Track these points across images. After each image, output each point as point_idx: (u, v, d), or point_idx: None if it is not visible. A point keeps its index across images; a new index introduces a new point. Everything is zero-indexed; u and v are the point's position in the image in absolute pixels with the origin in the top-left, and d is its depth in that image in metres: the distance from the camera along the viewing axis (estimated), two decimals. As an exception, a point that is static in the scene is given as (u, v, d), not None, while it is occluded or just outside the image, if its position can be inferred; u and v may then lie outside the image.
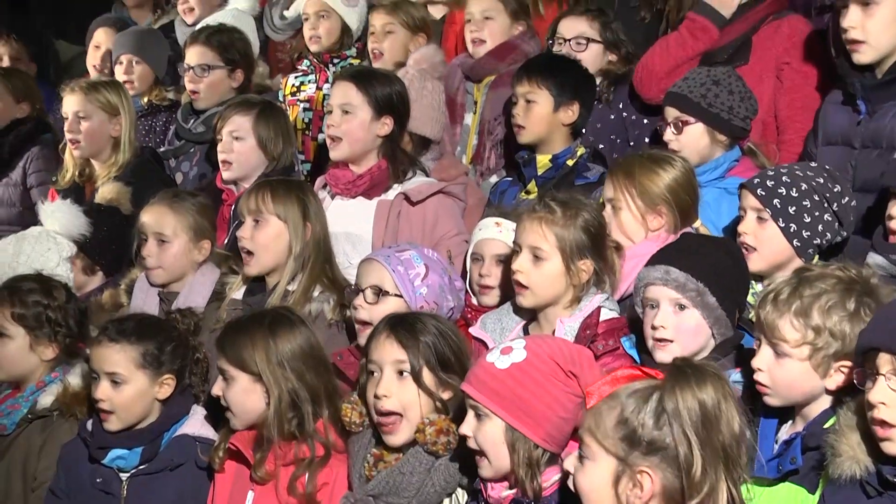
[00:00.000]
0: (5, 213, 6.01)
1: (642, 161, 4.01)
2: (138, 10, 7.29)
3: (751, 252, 3.73)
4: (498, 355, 3.03)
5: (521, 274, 3.67)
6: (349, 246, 4.53)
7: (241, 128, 4.89)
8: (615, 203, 3.94)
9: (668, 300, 3.41)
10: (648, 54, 4.87)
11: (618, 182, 3.95)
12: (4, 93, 6.09)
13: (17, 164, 6.02)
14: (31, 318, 4.07)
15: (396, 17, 5.59)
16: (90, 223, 4.74)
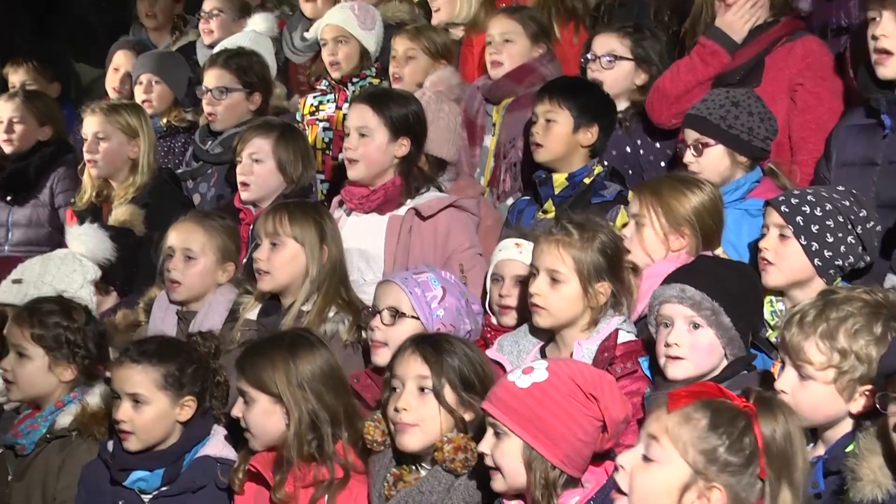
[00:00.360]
0: (34, 234, 6.06)
1: (671, 181, 4.04)
2: (157, 32, 7.36)
3: (770, 266, 3.73)
4: (519, 375, 3.03)
5: (539, 297, 3.67)
6: (363, 263, 4.56)
7: (261, 150, 4.91)
8: (639, 220, 3.96)
9: (683, 318, 3.42)
10: (660, 78, 4.88)
11: (644, 199, 3.97)
12: (28, 115, 6.12)
13: (45, 186, 6.08)
14: (50, 339, 4.09)
15: (418, 43, 5.61)
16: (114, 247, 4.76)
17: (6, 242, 6.07)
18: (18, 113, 6.08)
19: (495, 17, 5.52)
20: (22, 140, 6.08)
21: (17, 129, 6.06)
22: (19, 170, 6.06)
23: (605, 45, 5.00)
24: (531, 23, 5.41)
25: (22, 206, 6.08)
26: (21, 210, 6.08)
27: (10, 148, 6.07)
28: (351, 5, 6.04)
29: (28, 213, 6.08)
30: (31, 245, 5.95)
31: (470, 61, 5.98)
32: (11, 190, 6.07)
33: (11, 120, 6.07)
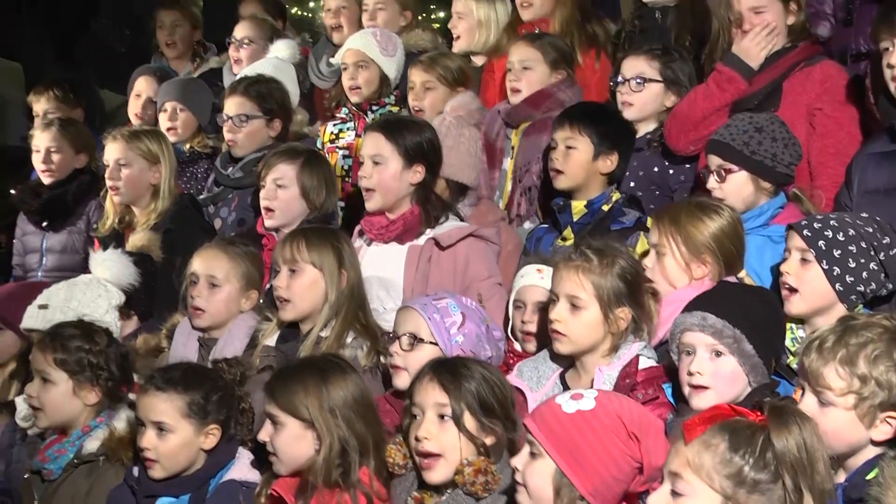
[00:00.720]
0: (68, 260, 6.09)
1: (689, 208, 4.02)
2: (178, 59, 7.41)
3: (792, 294, 3.72)
4: (567, 399, 3.02)
5: (559, 323, 3.68)
6: (383, 291, 4.57)
7: (285, 176, 4.93)
8: (659, 249, 3.95)
9: (705, 346, 3.41)
10: (678, 105, 4.89)
11: (663, 228, 3.96)
12: (65, 144, 6.14)
13: (82, 213, 6.11)
14: (72, 363, 4.11)
15: (434, 73, 5.65)
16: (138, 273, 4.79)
17: (40, 268, 6.11)
18: (55, 143, 6.10)
19: (516, 45, 5.55)
20: (60, 169, 6.12)
21: (55, 159, 6.10)
22: (56, 197, 6.10)
23: (635, 68, 5.00)
24: (551, 50, 5.42)
25: (57, 233, 6.12)
26: (56, 236, 6.12)
27: (48, 177, 6.11)
28: (373, 31, 6.10)
29: (63, 239, 6.12)
30: (64, 271, 5.96)
31: (491, 86, 6.02)
32: (48, 216, 6.12)
33: (49, 149, 6.10)
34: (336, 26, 6.74)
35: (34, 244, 6.16)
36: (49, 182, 6.11)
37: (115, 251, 4.88)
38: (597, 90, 5.64)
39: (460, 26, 6.28)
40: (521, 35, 5.75)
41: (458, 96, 5.48)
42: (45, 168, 6.10)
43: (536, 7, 5.95)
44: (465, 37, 6.26)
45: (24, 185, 6.36)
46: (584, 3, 5.97)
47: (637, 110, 4.97)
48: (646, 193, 4.87)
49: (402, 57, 6.02)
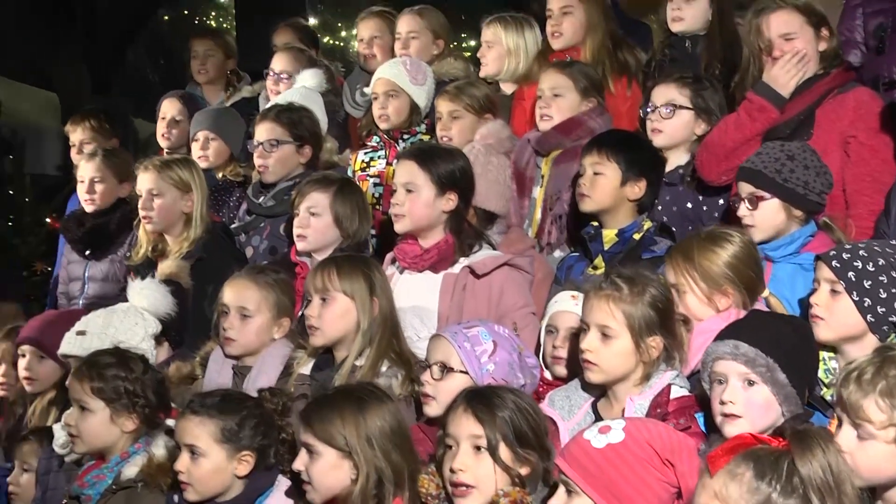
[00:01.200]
0: (109, 288, 6.12)
1: (700, 242, 4.00)
2: (211, 87, 7.48)
3: (819, 320, 3.67)
4: (595, 433, 3.01)
5: (590, 353, 3.67)
6: (417, 320, 4.56)
7: (318, 204, 4.95)
8: (679, 287, 3.94)
9: (737, 375, 3.39)
10: (709, 136, 4.87)
11: (678, 266, 3.96)
12: (108, 174, 6.19)
13: (124, 242, 6.14)
14: (109, 391, 4.16)
15: (460, 103, 5.65)
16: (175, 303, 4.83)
17: (81, 296, 6.17)
18: (99, 173, 6.16)
19: (546, 72, 5.54)
20: (103, 198, 6.17)
21: (98, 189, 6.16)
22: (99, 226, 6.16)
23: (665, 95, 5.00)
24: (582, 77, 5.43)
25: (99, 262, 6.17)
26: (98, 265, 6.17)
27: (92, 207, 6.18)
28: (403, 60, 6.14)
29: (105, 268, 6.16)
30: (105, 299, 5.99)
31: (520, 114, 6.01)
32: (90, 245, 6.18)
33: (93, 179, 6.15)
34: (369, 55, 6.78)
35: (77, 272, 6.23)
36: (92, 211, 6.17)
37: (154, 281, 4.93)
38: (628, 118, 5.63)
39: (489, 55, 6.29)
40: (552, 62, 5.75)
41: (489, 124, 5.49)
42: (88, 198, 6.17)
43: (567, 36, 5.95)
44: (492, 64, 6.27)
45: (70, 214, 6.45)
46: (614, 32, 5.98)
47: (667, 137, 4.96)
48: (679, 229, 4.84)
49: (433, 85, 6.05)
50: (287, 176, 5.62)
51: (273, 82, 6.68)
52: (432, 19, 6.57)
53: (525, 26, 6.23)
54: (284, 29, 7.53)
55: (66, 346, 4.71)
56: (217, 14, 14.84)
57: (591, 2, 5.93)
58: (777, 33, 4.74)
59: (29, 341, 5.16)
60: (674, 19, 5.63)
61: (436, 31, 6.56)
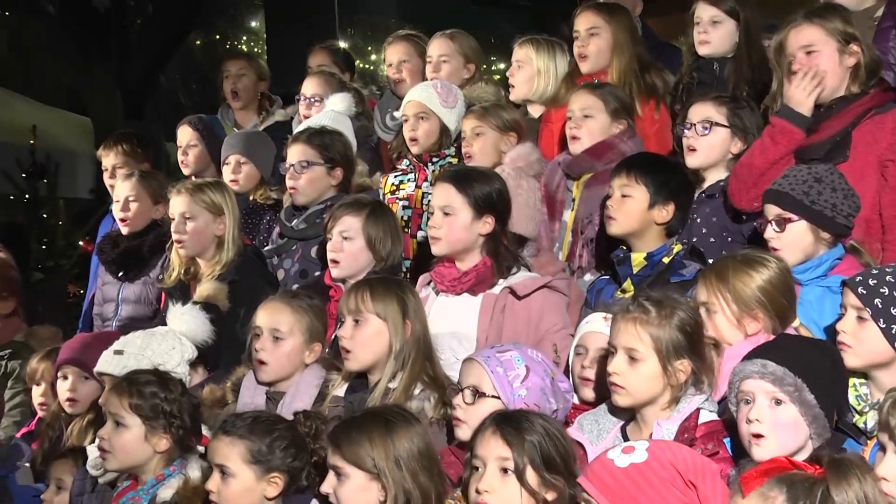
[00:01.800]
0: (141, 311, 6.19)
1: (735, 263, 3.98)
2: (244, 112, 7.50)
3: (847, 348, 3.66)
4: (619, 453, 3.04)
5: (618, 376, 3.68)
6: (455, 342, 4.59)
7: (350, 227, 4.99)
8: (709, 307, 3.94)
9: (765, 394, 3.38)
10: (737, 163, 4.84)
11: (711, 286, 3.95)
12: (144, 195, 6.24)
13: (156, 264, 6.20)
14: (147, 408, 4.21)
15: (486, 122, 5.70)
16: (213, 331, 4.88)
17: (115, 318, 6.22)
18: (134, 192, 6.22)
19: (576, 93, 5.56)
20: (136, 218, 6.23)
21: (133, 207, 6.22)
22: (132, 248, 6.23)
23: (701, 113, 5.00)
24: (612, 99, 5.44)
25: (132, 283, 6.23)
26: (131, 287, 6.22)
27: (126, 227, 6.25)
28: (434, 83, 6.17)
29: (137, 290, 6.22)
30: (137, 321, 6.06)
31: (549, 137, 6.04)
32: (123, 267, 6.25)
33: (128, 198, 6.20)
34: (398, 80, 6.81)
35: (111, 294, 6.30)
36: (126, 232, 6.24)
37: (194, 307, 4.97)
38: (656, 141, 5.66)
39: (518, 75, 6.32)
40: (581, 84, 5.77)
41: (518, 147, 5.51)
42: (122, 216, 6.23)
43: (593, 59, 5.97)
44: (521, 86, 6.30)
45: (105, 236, 6.51)
46: (642, 54, 6.01)
47: (703, 156, 4.97)
48: (719, 240, 4.87)
49: (463, 108, 6.06)
50: (318, 198, 5.65)
51: (305, 106, 6.72)
52: (463, 43, 6.60)
53: (557, 50, 6.26)
54: (320, 52, 7.56)
55: (102, 364, 4.77)
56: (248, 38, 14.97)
57: (619, 23, 5.96)
58: (798, 46, 4.68)
59: (72, 362, 5.22)
60: (701, 42, 5.66)
61: (467, 54, 6.58)
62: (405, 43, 6.88)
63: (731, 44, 5.62)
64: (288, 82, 7.40)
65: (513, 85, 6.34)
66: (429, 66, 6.62)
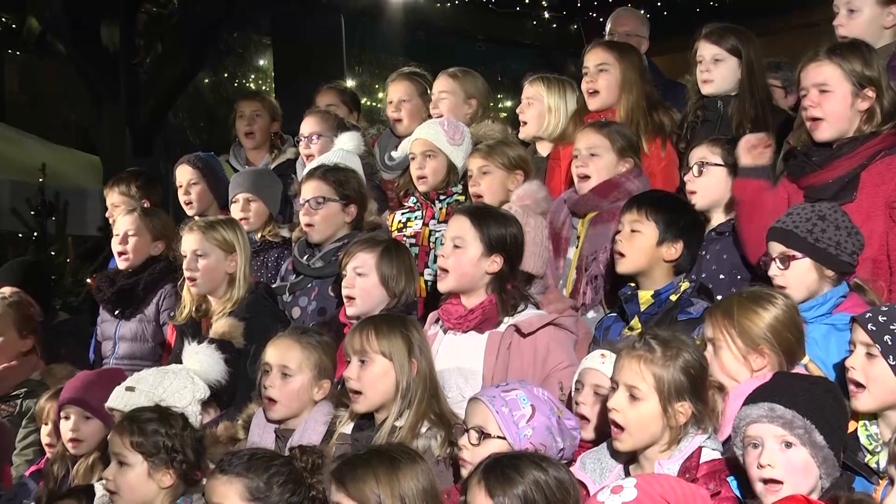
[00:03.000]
0: (139, 349, 6.25)
1: (742, 300, 4.01)
2: (256, 150, 7.54)
3: (860, 390, 3.70)
4: (608, 495, 3.09)
5: (617, 413, 3.71)
6: (462, 380, 4.64)
7: (364, 264, 5.04)
8: (715, 343, 3.97)
9: (774, 438, 3.41)
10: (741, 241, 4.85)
11: (717, 322, 3.98)
12: (144, 230, 6.31)
13: (152, 301, 6.26)
14: (148, 445, 4.28)
15: (492, 161, 5.75)
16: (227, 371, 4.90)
17: (112, 355, 6.27)
18: (134, 226, 6.28)
19: (583, 131, 5.59)
20: (135, 253, 6.30)
21: (132, 242, 6.29)
22: (128, 286, 6.28)
23: (697, 156, 5.10)
24: (618, 137, 5.49)
25: (129, 321, 6.29)
26: (128, 324, 6.28)
27: (124, 261, 6.29)
28: (441, 121, 6.21)
29: (134, 327, 6.28)
30: (134, 359, 6.15)
31: (556, 175, 6.08)
32: (119, 304, 6.30)
33: (127, 233, 6.28)
34: (397, 119, 6.87)
35: (109, 332, 6.36)
36: (124, 267, 6.29)
37: (209, 346, 4.98)
38: (662, 179, 5.70)
39: (528, 112, 6.37)
40: (588, 122, 5.80)
41: (525, 185, 5.55)
42: (121, 250, 6.29)
43: (603, 96, 6.01)
44: (532, 123, 6.35)
45: (102, 274, 6.58)
46: (650, 92, 6.06)
47: (702, 196, 5.03)
48: (728, 278, 4.91)
49: (470, 146, 6.10)
50: (333, 235, 5.69)
51: (304, 145, 6.77)
52: (466, 81, 6.65)
53: (567, 89, 6.32)
54: (327, 91, 7.62)
55: (113, 400, 4.81)
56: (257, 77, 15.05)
57: (628, 61, 6.02)
58: (812, 82, 4.72)
59: (74, 402, 5.24)
60: (703, 81, 5.72)
61: (468, 90, 6.62)
62: (407, 82, 6.94)
63: (733, 81, 5.69)
64: (296, 120, 7.44)
65: (524, 122, 6.40)
66: (431, 103, 6.68)
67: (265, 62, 14.77)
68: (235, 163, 7.49)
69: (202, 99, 14.00)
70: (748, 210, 4.77)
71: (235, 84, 14.66)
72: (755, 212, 4.72)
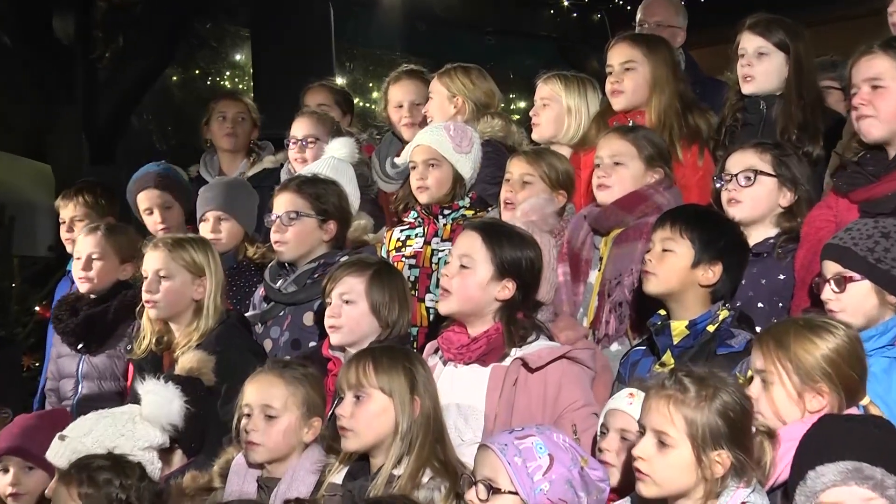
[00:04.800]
0: (108, 388, 6.20)
1: (797, 328, 3.97)
2: (232, 156, 7.53)
3: None
4: None
5: (643, 461, 3.69)
6: (461, 420, 4.63)
7: (352, 290, 5.02)
8: (766, 377, 3.94)
9: (861, 502, 3.39)
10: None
11: (769, 352, 3.94)
12: (110, 252, 6.28)
13: (124, 334, 6.19)
14: (100, 498, 4.26)
15: (537, 169, 5.74)
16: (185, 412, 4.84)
17: (75, 396, 6.22)
18: (99, 248, 6.26)
19: (605, 137, 5.60)
20: (101, 279, 6.26)
21: (96, 266, 6.25)
22: (95, 315, 6.23)
23: (742, 162, 5.09)
24: (647, 144, 5.48)
25: (95, 356, 6.24)
26: (94, 360, 6.24)
27: (87, 286, 6.25)
28: (446, 125, 6.20)
29: (102, 364, 6.23)
30: (102, 401, 5.99)
31: (576, 185, 6.05)
32: (84, 337, 6.24)
33: (91, 256, 6.24)
34: (408, 123, 6.88)
35: (69, 368, 6.29)
36: (85, 290, 6.26)
37: (167, 385, 4.90)
38: (699, 191, 5.70)
39: (544, 114, 6.39)
40: (613, 127, 5.81)
41: (531, 199, 5.55)
42: (83, 276, 6.25)
43: (629, 94, 6.03)
44: (547, 126, 6.37)
45: (61, 300, 6.50)
46: (685, 92, 6.07)
47: (748, 208, 5.04)
48: (768, 306, 4.92)
49: (479, 154, 6.12)
50: (307, 255, 5.66)
51: (297, 149, 6.76)
52: (450, 78, 6.63)
53: (588, 88, 6.34)
54: (319, 90, 7.63)
55: (50, 452, 4.66)
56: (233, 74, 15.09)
57: (658, 57, 6.04)
58: (864, 76, 4.76)
59: (12, 451, 5.21)
60: (745, 77, 5.75)
61: (455, 88, 6.60)
62: (417, 81, 6.96)
63: (779, 80, 5.72)
64: (277, 124, 7.45)
65: (536, 124, 6.41)
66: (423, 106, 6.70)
67: (242, 57, 14.80)
68: (206, 174, 7.49)
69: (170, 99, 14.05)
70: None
71: (208, 82, 14.69)
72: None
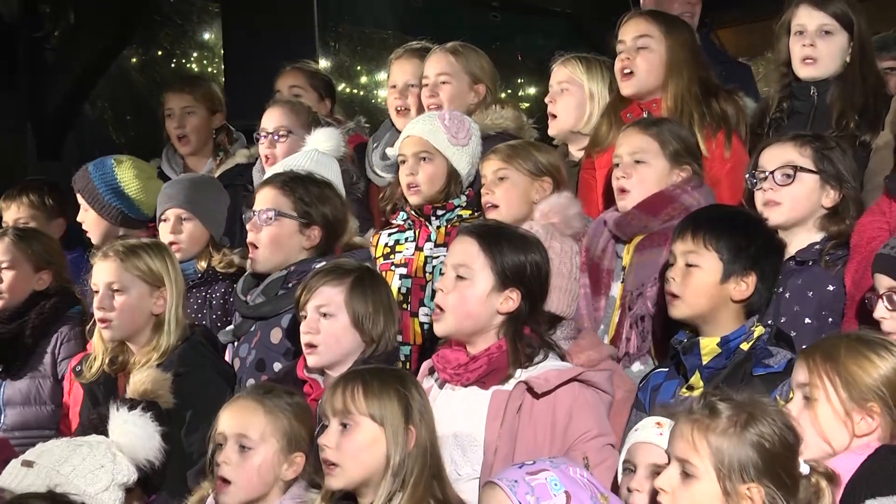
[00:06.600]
0: (33, 415, 6.24)
1: (850, 343, 4.00)
2: (195, 157, 7.55)
3: None
4: None
5: (666, 495, 3.70)
6: (458, 452, 4.62)
7: (331, 302, 5.02)
8: (810, 393, 3.95)
9: None
10: None
11: (815, 366, 3.96)
12: (21, 259, 6.34)
13: (45, 351, 6.24)
14: None
15: (512, 163, 5.77)
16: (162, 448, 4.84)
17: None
18: (8, 256, 6.32)
19: (625, 132, 5.62)
20: (12, 290, 6.31)
21: (6, 277, 6.30)
22: (10, 334, 6.26)
23: (779, 157, 5.11)
24: (671, 139, 5.49)
25: (16, 380, 6.26)
26: (16, 385, 6.27)
27: None
28: (441, 114, 6.22)
29: (25, 387, 6.27)
30: (29, 429, 6.13)
31: (592, 189, 6.10)
32: (3, 359, 6.26)
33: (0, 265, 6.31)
34: (402, 108, 6.90)
35: None
36: None
37: (144, 416, 4.88)
38: (729, 186, 5.71)
39: (562, 101, 6.41)
40: (631, 122, 5.81)
41: (552, 197, 5.50)
42: None
43: (641, 76, 6.03)
44: (567, 115, 6.39)
45: None
46: (706, 77, 6.06)
47: (788, 210, 5.06)
48: (816, 321, 4.95)
49: (478, 146, 6.13)
50: (282, 263, 5.59)
51: (267, 144, 6.74)
52: (470, 59, 6.68)
53: (611, 72, 6.30)
54: (292, 73, 7.61)
55: (6, 478, 4.65)
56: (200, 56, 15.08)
57: (677, 37, 6.05)
58: None
59: None
60: (805, 59, 5.74)
61: (474, 74, 6.66)
62: (418, 60, 6.95)
63: (840, 63, 5.73)
64: (251, 113, 7.44)
65: (553, 114, 6.43)
66: (424, 91, 6.70)
67: (212, 36, 14.80)
68: (170, 171, 7.51)
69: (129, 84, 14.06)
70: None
71: (173, 64, 14.68)
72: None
